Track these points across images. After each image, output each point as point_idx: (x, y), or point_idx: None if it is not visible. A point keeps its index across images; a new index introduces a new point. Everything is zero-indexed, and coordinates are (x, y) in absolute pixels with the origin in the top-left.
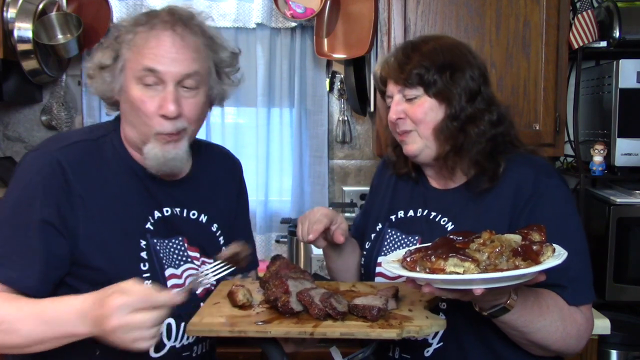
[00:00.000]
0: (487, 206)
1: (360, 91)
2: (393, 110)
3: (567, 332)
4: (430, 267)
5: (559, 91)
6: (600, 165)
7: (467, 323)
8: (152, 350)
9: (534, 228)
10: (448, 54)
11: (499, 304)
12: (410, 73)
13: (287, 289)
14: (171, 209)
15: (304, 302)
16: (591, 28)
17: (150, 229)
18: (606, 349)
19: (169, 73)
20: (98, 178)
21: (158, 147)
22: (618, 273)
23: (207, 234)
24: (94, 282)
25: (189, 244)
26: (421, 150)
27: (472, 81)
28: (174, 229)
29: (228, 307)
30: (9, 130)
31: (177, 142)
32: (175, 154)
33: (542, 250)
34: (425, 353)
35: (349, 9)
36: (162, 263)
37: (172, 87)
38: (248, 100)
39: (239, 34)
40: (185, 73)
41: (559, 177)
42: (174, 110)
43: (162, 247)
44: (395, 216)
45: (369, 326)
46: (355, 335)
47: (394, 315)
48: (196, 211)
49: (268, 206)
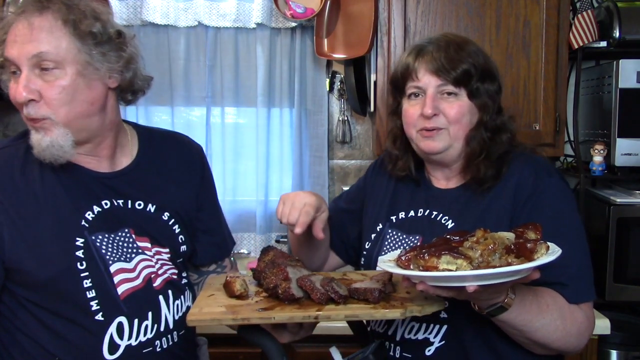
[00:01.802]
0: (488, 205)
1: (360, 91)
2: (429, 104)
3: (568, 331)
4: (424, 265)
5: (559, 91)
6: (600, 165)
7: (468, 322)
8: (105, 352)
9: (529, 226)
10: (487, 60)
11: (497, 303)
12: (458, 69)
13: (287, 276)
14: (111, 201)
15: (305, 287)
16: (591, 28)
17: (87, 226)
18: (606, 349)
19: (17, 57)
20: (22, 182)
21: (33, 136)
22: (618, 273)
23: (156, 223)
24: (27, 285)
25: (136, 235)
26: (444, 150)
27: (499, 92)
28: (118, 221)
29: (224, 298)
30: (9, 130)
31: (45, 130)
32: (50, 141)
33: (535, 248)
34: (426, 352)
35: (349, 9)
36: (106, 259)
37: (26, 71)
38: (248, 100)
39: (239, 34)
40: (33, 54)
41: (559, 176)
42: (24, 95)
43: (107, 242)
44: (396, 217)
45: (371, 307)
46: (360, 316)
47: (394, 297)
48: (142, 201)
49: (268, 206)
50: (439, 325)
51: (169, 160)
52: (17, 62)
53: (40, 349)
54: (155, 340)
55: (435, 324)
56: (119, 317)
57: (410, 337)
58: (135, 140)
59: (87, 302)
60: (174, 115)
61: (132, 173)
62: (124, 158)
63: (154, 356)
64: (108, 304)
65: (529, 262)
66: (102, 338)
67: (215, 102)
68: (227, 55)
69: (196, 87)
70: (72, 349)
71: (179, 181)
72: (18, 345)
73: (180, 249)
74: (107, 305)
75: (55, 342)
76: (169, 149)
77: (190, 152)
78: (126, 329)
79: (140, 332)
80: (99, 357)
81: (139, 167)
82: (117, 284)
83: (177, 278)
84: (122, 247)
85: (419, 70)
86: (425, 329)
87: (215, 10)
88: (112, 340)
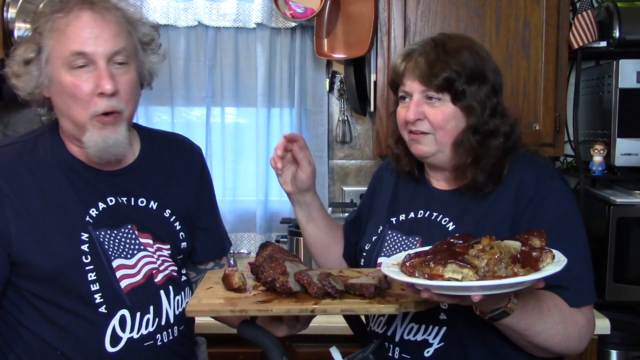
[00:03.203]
0: (489, 207)
1: (360, 91)
2: (412, 110)
3: (569, 334)
4: (429, 272)
5: (559, 91)
6: (600, 165)
7: (468, 324)
8: (107, 345)
9: (534, 233)
10: (477, 59)
11: (499, 308)
12: (439, 76)
13: (285, 270)
14: (116, 198)
15: (302, 281)
16: (591, 28)
17: (91, 222)
18: (606, 349)
19: (97, 52)
20: (30, 177)
21: (96, 134)
22: (618, 273)
23: (158, 220)
24: (33, 278)
25: (139, 231)
26: (432, 154)
27: (494, 94)
28: (122, 217)
29: (222, 291)
30: (9, 130)
31: (114, 126)
32: (115, 139)
33: (541, 257)
34: (425, 353)
35: (349, 9)
36: (109, 255)
37: (104, 65)
38: (248, 101)
39: (239, 34)
40: (114, 50)
41: (560, 178)
42: (111, 86)
43: (110, 238)
44: (397, 219)
45: (367, 302)
46: (355, 310)
47: (389, 293)
48: (145, 199)
49: (268, 206)
50: (438, 327)
51: (169, 160)
52: (93, 58)
53: (44, 343)
54: (157, 334)
55: (434, 325)
56: (121, 310)
57: (409, 338)
58: (138, 139)
59: (91, 295)
60: (174, 115)
61: (135, 171)
62: (128, 156)
63: (154, 350)
64: (111, 297)
65: (535, 271)
66: (104, 331)
67: (215, 102)
68: (227, 55)
69: (196, 87)
70: (75, 342)
71: (179, 180)
72: (21, 340)
73: (180, 246)
74: (111, 298)
75: (58, 336)
76: (169, 150)
77: (190, 153)
78: (128, 322)
79: (142, 325)
80: (101, 350)
81: (142, 165)
82: (120, 279)
83: (177, 275)
84: (124, 243)
85: (405, 75)
86: (425, 330)
87: (215, 10)
88: (114, 333)
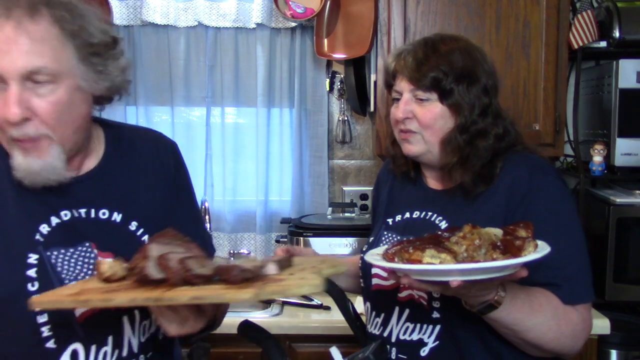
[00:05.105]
0: (482, 205)
1: (360, 91)
2: (401, 109)
3: (562, 332)
4: (408, 258)
5: (559, 91)
6: (600, 165)
7: (462, 322)
8: None
9: (520, 224)
10: (468, 60)
11: (487, 301)
12: (427, 75)
13: (146, 254)
14: (71, 211)
15: (161, 266)
16: (591, 28)
17: (42, 240)
18: (606, 349)
19: (9, 71)
20: None
21: (21, 157)
22: (618, 273)
23: (122, 235)
24: None
25: (99, 249)
26: (422, 154)
27: (486, 94)
28: (78, 234)
29: (94, 282)
30: None
31: (40, 152)
32: (42, 164)
33: (524, 246)
34: (421, 353)
35: (349, 9)
36: (62, 278)
37: (16, 87)
38: (248, 101)
39: (239, 34)
40: (29, 69)
41: (554, 174)
42: (17, 113)
43: (64, 258)
44: (393, 219)
45: (224, 288)
46: (207, 298)
47: (269, 279)
48: (107, 209)
49: (268, 206)
50: (432, 326)
51: (138, 160)
52: (4, 76)
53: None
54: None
55: (428, 324)
56: (73, 344)
57: (405, 338)
58: (102, 139)
59: (38, 328)
60: (174, 115)
61: (96, 177)
62: (88, 160)
63: None
64: (62, 329)
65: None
66: None
67: (215, 102)
68: (227, 55)
69: (196, 87)
70: None
71: (149, 185)
72: None
73: None
74: (61, 331)
75: None
76: (139, 148)
77: (162, 149)
78: (81, 357)
79: (101, 356)
80: None
81: (105, 170)
82: None
83: None
84: (81, 264)
85: (396, 75)
86: (420, 330)
87: (215, 10)
88: None
